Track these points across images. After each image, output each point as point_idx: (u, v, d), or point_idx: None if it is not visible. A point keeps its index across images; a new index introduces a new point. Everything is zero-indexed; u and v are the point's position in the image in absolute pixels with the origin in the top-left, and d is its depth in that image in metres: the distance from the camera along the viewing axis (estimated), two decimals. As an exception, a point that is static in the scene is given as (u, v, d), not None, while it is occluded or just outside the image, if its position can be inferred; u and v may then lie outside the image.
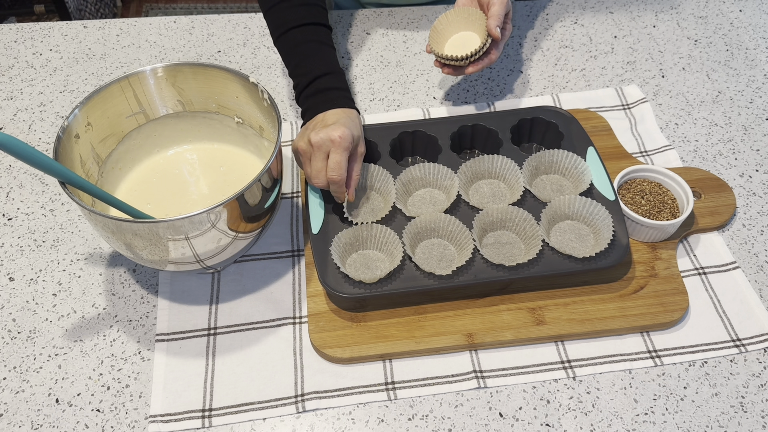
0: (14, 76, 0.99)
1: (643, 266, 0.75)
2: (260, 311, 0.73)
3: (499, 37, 0.81)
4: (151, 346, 0.71)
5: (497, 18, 0.80)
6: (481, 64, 0.83)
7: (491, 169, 0.80)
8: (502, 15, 0.81)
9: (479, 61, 0.83)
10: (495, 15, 0.80)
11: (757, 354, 0.70)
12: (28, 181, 0.86)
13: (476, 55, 0.82)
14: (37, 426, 0.65)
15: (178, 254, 0.64)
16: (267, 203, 0.68)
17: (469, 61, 0.83)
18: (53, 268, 0.77)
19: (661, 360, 0.69)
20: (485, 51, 0.83)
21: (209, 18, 1.08)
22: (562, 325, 0.70)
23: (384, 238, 0.73)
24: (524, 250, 0.74)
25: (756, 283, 0.75)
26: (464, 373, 0.68)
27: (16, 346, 0.71)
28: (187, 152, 0.79)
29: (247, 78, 0.71)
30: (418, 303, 0.72)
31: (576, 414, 0.66)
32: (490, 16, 0.81)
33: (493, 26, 0.80)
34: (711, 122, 0.92)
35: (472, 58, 0.82)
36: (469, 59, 0.82)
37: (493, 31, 0.80)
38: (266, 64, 1.00)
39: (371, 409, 0.66)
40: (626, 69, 1.00)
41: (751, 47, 1.03)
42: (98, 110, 0.71)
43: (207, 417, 0.66)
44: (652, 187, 0.79)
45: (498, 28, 0.81)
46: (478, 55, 0.83)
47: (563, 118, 0.84)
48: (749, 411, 0.66)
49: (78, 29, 1.06)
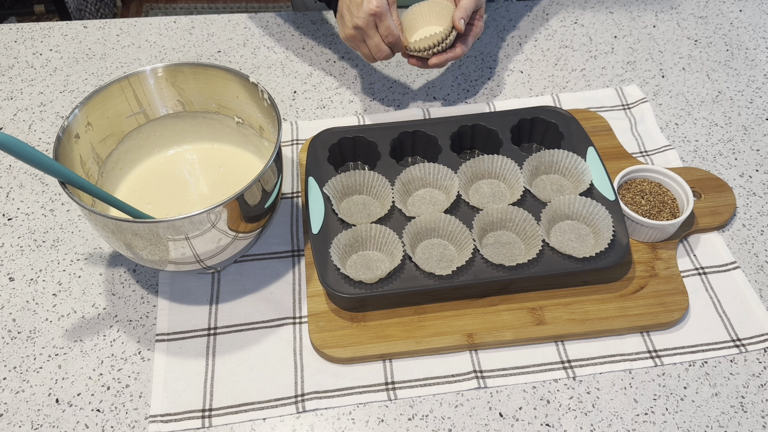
0: (14, 76, 0.99)
1: (643, 266, 0.75)
2: (260, 311, 0.73)
3: (462, 30, 0.80)
4: (151, 346, 0.71)
5: (463, 10, 0.79)
6: (444, 56, 0.82)
7: (491, 169, 0.80)
8: (470, 9, 0.80)
9: (442, 54, 0.82)
10: (462, 7, 0.80)
11: (757, 354, 0.70)
12: (28, 181, 0.86)
13: (439, 46, 0.81)
14: (37, 426, 0.65)
15: (178, 254, 0.64)
16: (267, 203, 0.68)
17: (432, 52, 0.82)
18: (53, 268, 0.77)
19: (661, 360, 0.69)
20: (450, 44, 0.82)
21: (209, 18, 1.08)
22: (562, 325, 0.70)
23: (384, 238, 0.73)
24: (524, 250, 0.74)
25: (756, 283, 0.75)
26: (464, 373, 0.68)
27: (16, 346, 0.71)
28: (187, 152, 0.79)
29: (247, 78, 0.71)
30: (418, 303, 0.72)
31: (576, 414, 0.66)
32: (458, 8, 0.80)
33: (458, 18, 0.79)
34: (711, 122, 0.92)
35: (434, 49, 0.81)
36: (432, 50, 0.81)
37: (457, 23, 0.79)
38: (266, 64, 1.01)
39: (371, 409, 0.66)
40: (626, 69, 1.00)
41: (751, 47, 1.03)
42: (98, 110, 0.71)
43: (207, 417, 0.66)
44: (652, 187, 0.79)
45: (462, 21, 0.79)
46: (441, 47, 0.81)
47: (563, 118, 0.84)
48: (749, 411, 0.66)
49: (78, 29, 1.06)
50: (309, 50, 1.03)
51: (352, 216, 0.76)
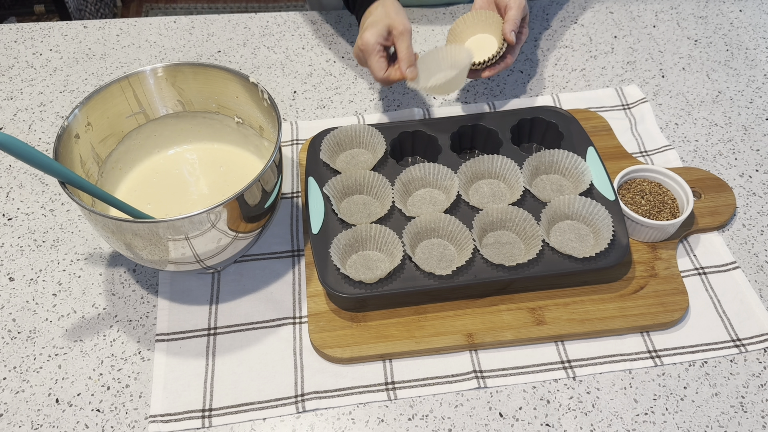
0: (14, 76, 0.99)
1: (643, 266, 0.75)
2: (260, 311, 0.73)
3: (514, 42, 0.82)
4: (151, 346, 0.71)
5: (513, 23, 0.81)
6: (497, 68, 0.84)
7: (491, 169, 0.80)
8: (518, 19, 0.82)
9: (495, 66, 0.84)
10: (511, 20, 0.81)
11: (757, 354, 0.70)
12: (28, 181, 0.86)
13: (492, 61, 0.83)
14: (37, 426, 0.65)
15: (178, 254, 0.64)
16: (267, 203, 0.68)
17: (485, 66, 0.83)
18: (53, 268, 0.77)
19: (661, 360, 0.69)
20: (501, 55, 0.84)
21: (209, 18, 1.08)
22: (562, 325, 0.70)
23: (384, 238, 0.73)
24: (524, 250, 0.74)
25: (756, 283, 0.75)
26: (464, 373, 0.68)
27: (16, 346, 0.71)
28: (187, 152, 0.79)
29: (247, 78, 0.71)
30: (418, 303, 0.72)
31: (576, 414, 0.66)
32: (506, 21, 0.82)
33: (508, 31, 0.81)
34: (711, 122, 0.92)
35: (488, 63, 0.83)
36: (485, 64, 0.83)
37: (508, 36, 0.81)
38: (266, 64, 1.01)
39: (371, 409, 0.66)
40: (626, 69, 1.00)
41: (751, 47, 1.03)
42: (98, 110, 0.71)
43: (207, 417, 0.66)
44: (652, 187, 0.79)
45: (513, 33, 0.81)
46: (494, 60, 0.83)
47: (563, 118, 0.84)
48: (749, 411, 0.66)
49: (78, 29, 1.06)
50: (309, 50, 1.03)
51: (352, 216, 0.76)
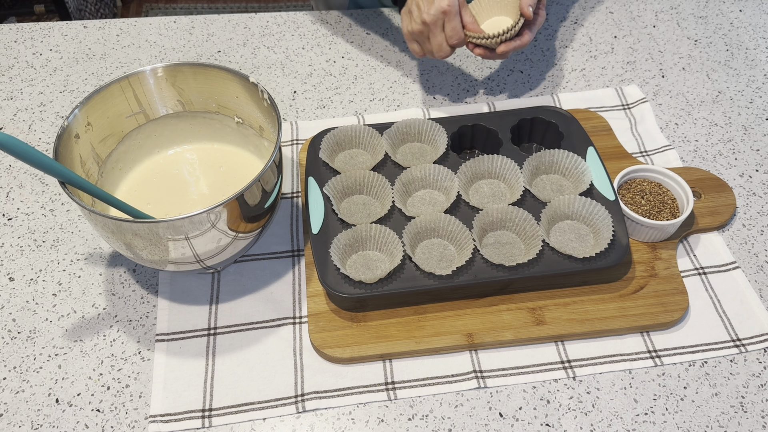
0: (14, 76, 0.99)
1: (643, 266, 0.75)
2: (260, 311, 0.73)
3: (531, 16, 0.80)
4: (151, 346, 0.71)
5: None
6: (513, 44, 0.82)
7: (491, 169, 0.80)
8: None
9: (511, 42, 0.82)
10: None
11: (757, 354, 0.70)
12: (28, 181, 0.86)
13: (507, 34, 0.81)
14: (37, 426, 0.65)
15: (178, 254, 0.64)
16: (267, 203, 0.68)
17: (500, 40, 0.81)
18: (53, 268, 0.77)
19: (661, 360, 0.69)
20: (517, 32, 0.82)
21: (209, 18, 1.08)
22: (562, 325, 0.70)
23: (384, 238, 0.73)
24: (524, 250, 0.74)
25: (756, 283, 0.75)
26: (464, 373, 0.68)
27: (16, 346, 0.71)
28: (187, 152, 0.79)
29: (247, 78, 0.71)
30: (418, 303, 0.72)
31: (576, 414, 0.66)
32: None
33: (526, 4, 0.80)
34: (711, 122, 0.92)
35: (503, 36, 0.81)
36: (500, 37, 0.81)
37: (525, 10, 0.80)
38: (266, 64, 1.01)
39: (371, 409, 0.66)
40: (626, 69, 1.00)
41: (751, 47, 1.03)
42: (98, 110, 0.71)
43: (207, 417, 0.66)
44: (652, 187, 0.79)
45: (530, 8, 0.80)
46: (509, 35, 0.81)
47: (563, 118, 0.84)
48: (749, 411, 0.66)
49: (78, 29, 1.06)
50: (309, 50, 1.03)
51: (352, 216, 0.76)
